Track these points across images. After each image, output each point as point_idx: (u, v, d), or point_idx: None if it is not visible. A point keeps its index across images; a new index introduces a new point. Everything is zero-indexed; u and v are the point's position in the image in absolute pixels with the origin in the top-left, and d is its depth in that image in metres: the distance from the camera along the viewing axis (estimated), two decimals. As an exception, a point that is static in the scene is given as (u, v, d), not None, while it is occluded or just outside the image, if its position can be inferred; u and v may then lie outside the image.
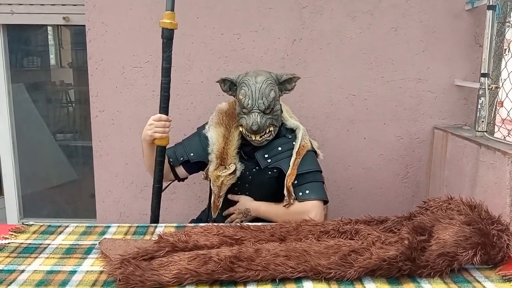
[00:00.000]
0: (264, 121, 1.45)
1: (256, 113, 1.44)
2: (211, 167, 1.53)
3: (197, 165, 1.60)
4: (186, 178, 1.70)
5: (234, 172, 1.50)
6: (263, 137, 1.48)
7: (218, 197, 1.55)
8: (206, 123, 1.61)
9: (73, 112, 2.68)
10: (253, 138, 1.48)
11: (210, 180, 1.55)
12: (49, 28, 2.52)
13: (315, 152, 1.58)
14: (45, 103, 2.60)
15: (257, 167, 1.53)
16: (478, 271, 1.07)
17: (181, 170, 1.64)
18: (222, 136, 1.52)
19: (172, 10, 1.46)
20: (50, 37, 2.57)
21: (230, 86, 1.55)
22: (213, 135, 1.54)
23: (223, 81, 1.56)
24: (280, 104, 1.55)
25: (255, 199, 1.55)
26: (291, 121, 1.58)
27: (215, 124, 1.56)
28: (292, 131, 1.56)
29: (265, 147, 1.52)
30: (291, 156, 1.49)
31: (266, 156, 1.51)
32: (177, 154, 1.61)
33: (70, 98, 2.67)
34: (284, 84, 1.53)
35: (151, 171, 1.57)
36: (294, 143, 1.51)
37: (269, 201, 1.52)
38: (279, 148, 1.52)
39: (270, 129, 1.48)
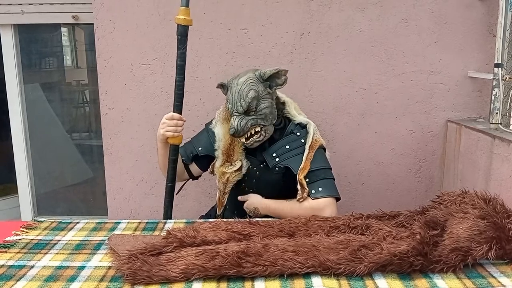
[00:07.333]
0: (243, 124, 1.41)
1: (235, 117, 1.42)
2: (217, 163, 1.52)
3: (208, 159, 1.59)
4: (200, 176, 1.70)
5: (240, 169, 1.49)
6: (250, 139, 1.44)
7: (223, 194, 1.54)
8: (214, 118, 1.60)
9: (88, 112, 2.71)
10: (240, 141, 1.46)
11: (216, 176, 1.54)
12: (64, 29, 2.54)
13: (324, 149, 1.55)
14: (60, 103, 2.63)
15: (264, 163, 1.51)
16: (493, 266, 1.04)
17: (194, 167, 1.64)
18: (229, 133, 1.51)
19: (187, 5, 1.42)
20: (65, 38, 2.60)
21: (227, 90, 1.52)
22: (220, 131, 1.53)
23: (221, 86, 1.54)
24: (275, 101, 1.48)
25: (263, 196, 1.52)
26: (299, 117, 1.54)
27: (222, 120, 1.55)
28: (301, 127, 1.52)
29: (272, 145, 1.50)
30: (299, 154, 1.46)
31: (274, 155, 1.48)
32: (187, 152, 1.61)
33: (86, 98, 2.71)
34: (273, 80, 1.45)
35: (164, 171, 1.56)
36: (302, 140, 1.48)
37: (277, 198, 1.49)
38: (287, 147, 1.48)
39: (257, 130, 1.44)
